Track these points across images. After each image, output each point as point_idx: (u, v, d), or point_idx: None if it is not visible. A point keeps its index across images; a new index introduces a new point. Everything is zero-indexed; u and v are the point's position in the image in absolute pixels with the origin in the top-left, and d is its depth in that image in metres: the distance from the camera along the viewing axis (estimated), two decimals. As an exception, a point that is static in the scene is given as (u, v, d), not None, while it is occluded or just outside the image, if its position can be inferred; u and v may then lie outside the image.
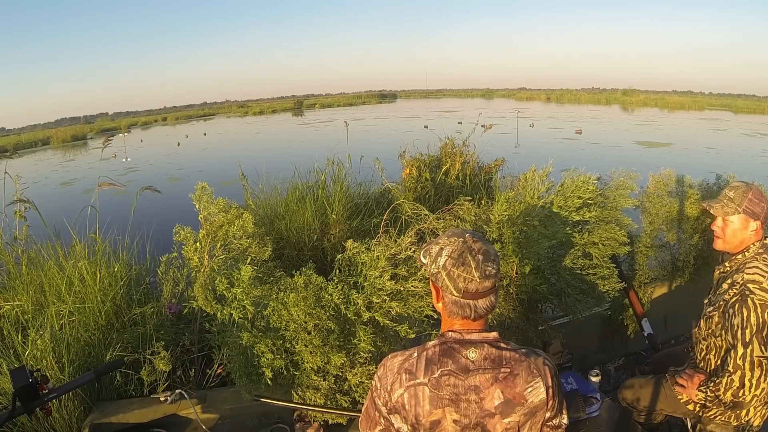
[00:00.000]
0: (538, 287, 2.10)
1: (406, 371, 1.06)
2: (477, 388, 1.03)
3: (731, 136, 19.66)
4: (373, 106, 55.82)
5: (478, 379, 1.03)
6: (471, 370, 1.03)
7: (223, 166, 12.51)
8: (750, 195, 1.65)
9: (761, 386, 1.51)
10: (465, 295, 1.05)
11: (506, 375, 1.03)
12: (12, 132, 49.34)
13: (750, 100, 51.31)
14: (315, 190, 4.86)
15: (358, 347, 1.71)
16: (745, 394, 1.53)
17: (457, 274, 1.04)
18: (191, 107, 75.18)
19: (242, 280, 1.76)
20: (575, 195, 2.15)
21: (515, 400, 1.03)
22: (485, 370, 1.03)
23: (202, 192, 2.16)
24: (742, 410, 1.67)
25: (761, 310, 1.52)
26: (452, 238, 1.09)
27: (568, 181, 2.22)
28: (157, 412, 2.12)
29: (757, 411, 1.70)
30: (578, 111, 36.88)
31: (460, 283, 1.04)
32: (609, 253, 2.19)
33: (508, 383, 1.03)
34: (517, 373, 1.04)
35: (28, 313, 2.64)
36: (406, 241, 1.82)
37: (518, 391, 1.03)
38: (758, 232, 1.67)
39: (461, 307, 1.07)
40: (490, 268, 1.05)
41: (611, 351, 2.93)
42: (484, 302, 1.06)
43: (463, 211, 2.40)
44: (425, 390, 1.04)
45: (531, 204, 2.17)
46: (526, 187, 2.19)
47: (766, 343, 1.51)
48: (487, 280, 1.04)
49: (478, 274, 1.03)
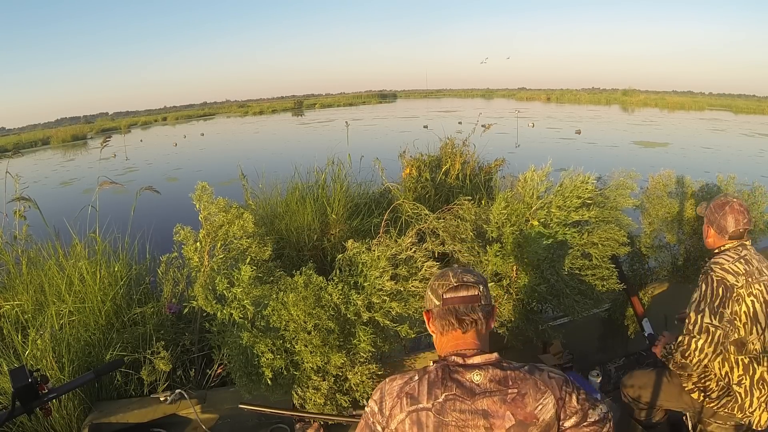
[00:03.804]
0: (537, 287, 2.09)
1: (408, 395, 1.02)
2: (485, 412, 0.99)
3: (729, 137, 19.65)
4: (373, 106, 55.82)
5: (486, 402, 0.99)
6: (477, 394, 1.00)
7: (221, 166, 12.51)
8: (712, 204, 1.91)
9: (704, 351, 1.69)
10: (445, 302, 1.09)
11: (514, 396, 1.00)
12: (12, 132, 49.27)
13: (750, 100, 51.28)
14: (315, 190, 4.87)
15: (358, 347, 1.71)
16: (692, 357, 1.72)
17: (437, 284, 1.12)
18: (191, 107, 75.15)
19: (242, 280, 1.76)
20: (574, 195, 2.15)
21: (527, 420, 0.99)
22: (492, 393, 1.00)
23: (202, 192, 2.16)
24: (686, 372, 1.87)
25: (716, 284, 1.73)
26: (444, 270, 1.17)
27: (567, 180, 2.21)
28: (156, 412, 2.12)
29: (762, 412, 1.74)
30: (578, 111, 36.87)
31: (439, 290, 1.10)
32: (609, 254, 2.18)
33: (517, 404, 0.99)
34: (525, 392, 1.01)
35: (28, 313, 2.64)
36: (406, 242, 1.82)
37: (529, 411, 1.00)
38: (713, 236, 1.91)
39: (444, 317, 1.08)
40: (469, 277, 1.10)
41: (612, 351, 2.93)
42: (465, 308, 1.07)
43: (463, 210, 2.40)
44: (429, 416, 0.99)
45: (530, 203, 2.17)
46: (525, 186, 2.19)
47: (715, 313, 1.70)
48: (464, 288, 1.09)
49: (455, 280, 1.10)
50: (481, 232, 2.29)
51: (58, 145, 31.52)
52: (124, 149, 16.89)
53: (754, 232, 2.90)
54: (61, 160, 22.50)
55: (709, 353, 1.70)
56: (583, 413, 1.05)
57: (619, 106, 44.03)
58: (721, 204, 1.88)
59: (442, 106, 45.79)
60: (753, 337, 1.73)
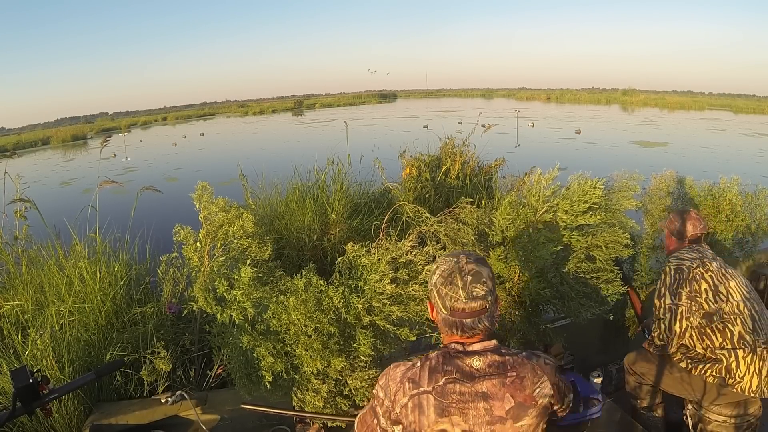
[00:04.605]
0: (542, 291, 2.09)
1: (410, 380, 1.06)
2: (485, 394, 1.02)
3: (729, 136, 19.66)
4: (373, 106, 55.79)
5: (485, 385, 1.03)
6: (477, 378, 1.03)
7: (220, 166, 12.51)
8: (671, 216, 2.20)
9: (673, 330, 1.95)
10: (452, 314, 1.08)
11: (513, 379, 1.04)
12: (12, 132, 49.23)
13: (750, 100, 51.30)
14: (315, 189, 4.86)
15: (358, 351, 1.70)
16: (671, 341, 1.97)
17: (444, 292, 1.08)
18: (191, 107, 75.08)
19: (242, 282, 1.76)
20: (581, 199, 2.11)
21: (526, 402, 1.03)
22: (492, 377, 1.04)
23: (202, 191, 2.15)
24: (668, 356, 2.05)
25: (673, 271, 2.01)
26: (449, 257, 1.12)
27: (575, 184, 2.18)
28: (157, 413, 2.12)
29: (752, 376, 1.83)
30: (578, 111, 36.87)
31: (447, 301, 1.08)
32: (613, 256, 2.18)
33: (516, 387, 1.03)
34: (523, 375, 1.05)
35: (28, 313, 2.64)
36: (406, 245, 1.81)
37: (528, 393, 1.04)
38: (674, 243, 2.16)
39: (450, 326, 1.09)
40: (478, 289, 1.06)
41: (613, 353, 2.92)
42: (472, 322, 1.07)
43: (465, 214, 2.38)
44: (430, 398, 1.03)
45: (536, 207, 2.16)
46: (531, 190, 2.16)
47: (675, 294, 1.96)
48: (473, 301, 1.06)
49: (464, 294, 1.06)
50: (483, 235, 2.28)
51: (58, 145, 31.52)
52: (124, 149, 16.89)
53: (757, 234, 2.90)
54: (61, 160, 22.50)
55: (678, 330, 1.95)
56: (564, 398, 1.14)
57: (619, 106, 44.04)
58: (680, 213, 2.17)
59: (442, 106, 45.79)
60: (720, 305, 1.89)
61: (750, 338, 1.84)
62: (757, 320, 1.87)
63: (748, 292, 1.94)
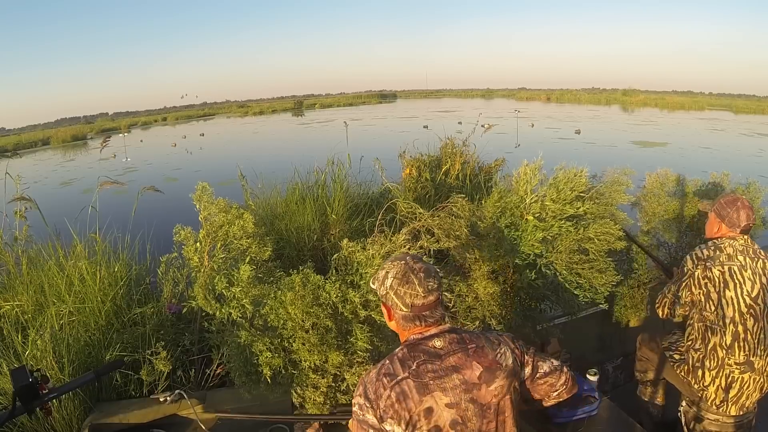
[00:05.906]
0: (534, 282, 2.11)
1: (386, 375, 1.12)
2: (455, 367, 1.12)
3: (729, 136, 19.67)
4: (373, 106, 55.78)
5: (453, 360, 1.12)
6: (443, 355, 1.13)
7: (220, 166, 12.50)
8: (723, 201, 2.02)
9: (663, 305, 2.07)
10: (413, 310, 1.16)
11: (474, 348, 1.15)
12: (12, 132, 49.20)
13: (750, 100, 51.24)
14: (315, 190, 4.86)
15: (356, 346, 1.71)
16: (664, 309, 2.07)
17: (403, 292, 1.17)
18: (191, 107, 75.05)
19: (241, 279, 1.77)
20: (568, 187, 2.21)
21: (492, 366, 1.13)
22: (455, 351, 1.13)
23: (202, 192, 2.16)
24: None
25: (683, 267, 2.02)
26: (395, 261, 1.21)
27: (561, 174, 2.29)
28: (157, 412, 2.13)
29: (717, 389, 1.87)
30: (578, 111, 36.86)
31: (407, 299, 1.16)
32: (605, 248, 2.20)
33: (480, 354, 1.14)
34: (482, 345, 1.16)
35: (28, 313, 2.64)
36: (400, 239, 1.83)
37: (491, 359, 1.14)
38: (723, 229, 2.01)
39: (410, 320, 1.18)
40: (432, 283, 1.17)
41: (609, 351, 2.93)
42: (431, 312, 1.17)
43: (458, 207, 2.41)
44: (410, 382, 1.09)
45: (524, 197, 2.19)
46: (519, 180, 2.23)
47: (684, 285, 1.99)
48: (431, 294, 1.16)
49: (422, 290, 1.16)
50: (476, 229, 2.31)
51: (58, 146, 31.52)
52: (124, 149, 16.90)
53: (754, 228, 2.91)
54: (61, 160, 22.51)
55: (666, 311, 2.06)
56: (534, 365, 1.24)
57: (618, 106, 44.02)
58: (733, 200, 1.98)
59: (442, 106, 45.77)
60: (710, 307, 1.90)
61: (721, 353, 1.84)
62: (745, 338, 1.82)
63: (754, 306, 1.84)
